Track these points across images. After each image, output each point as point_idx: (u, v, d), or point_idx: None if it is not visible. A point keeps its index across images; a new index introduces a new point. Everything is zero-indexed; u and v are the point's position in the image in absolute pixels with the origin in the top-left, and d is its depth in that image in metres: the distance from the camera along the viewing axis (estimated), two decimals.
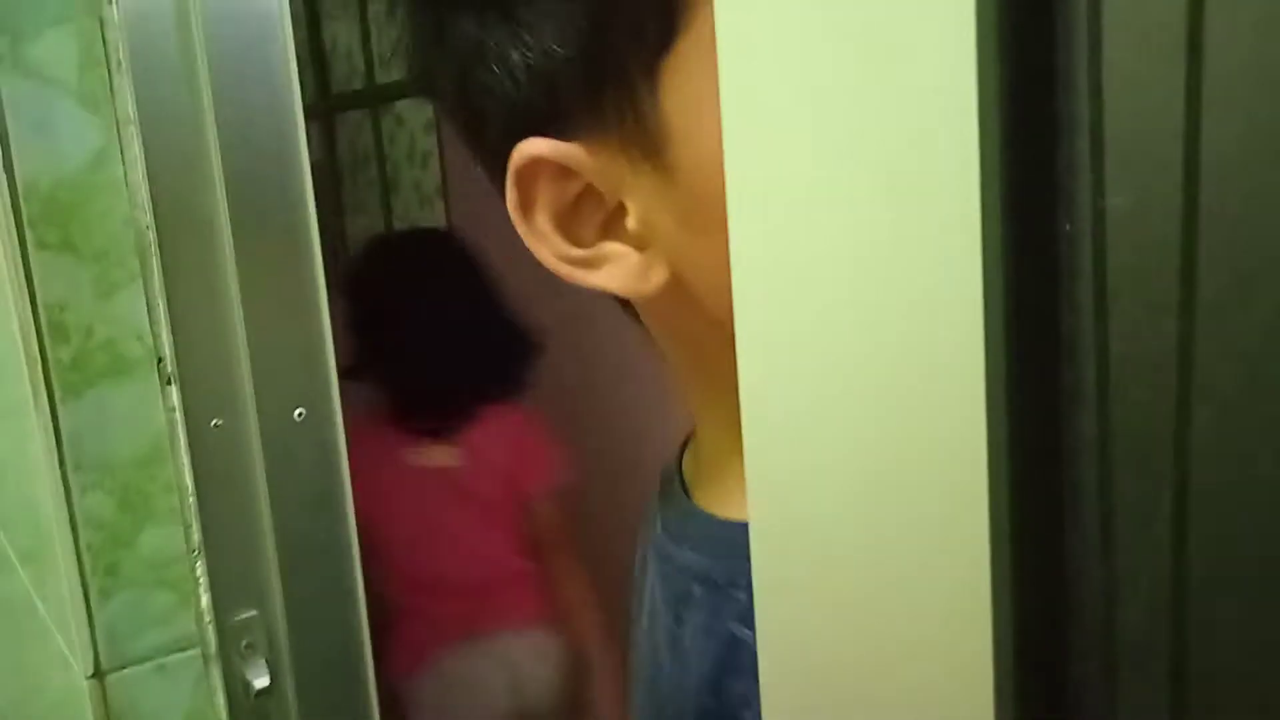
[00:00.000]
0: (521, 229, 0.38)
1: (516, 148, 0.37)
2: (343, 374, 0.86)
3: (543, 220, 0.38)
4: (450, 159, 2.61)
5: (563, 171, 0.37)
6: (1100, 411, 0.20)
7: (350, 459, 0.86)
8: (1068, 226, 0.20)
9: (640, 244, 0.38)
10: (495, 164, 0.39)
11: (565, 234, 0.38)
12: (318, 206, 0.83)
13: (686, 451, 0.48)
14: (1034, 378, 0.20)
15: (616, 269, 0.38)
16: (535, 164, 0.37)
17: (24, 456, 0.87)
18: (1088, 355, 0.20)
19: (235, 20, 0.78)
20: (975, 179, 0.20)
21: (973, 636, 0.21)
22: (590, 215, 0.38)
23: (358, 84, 2.93)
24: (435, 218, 2.72)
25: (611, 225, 0.38)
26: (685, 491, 0.45)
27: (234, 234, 0.81)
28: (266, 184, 0.82)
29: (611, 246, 0.38)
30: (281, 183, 0.82)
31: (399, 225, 2.89)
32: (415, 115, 2.71)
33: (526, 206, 0.38)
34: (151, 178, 0.79)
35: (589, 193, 0.38)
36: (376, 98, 2.86)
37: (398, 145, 2.83)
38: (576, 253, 0.38)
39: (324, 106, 3.02)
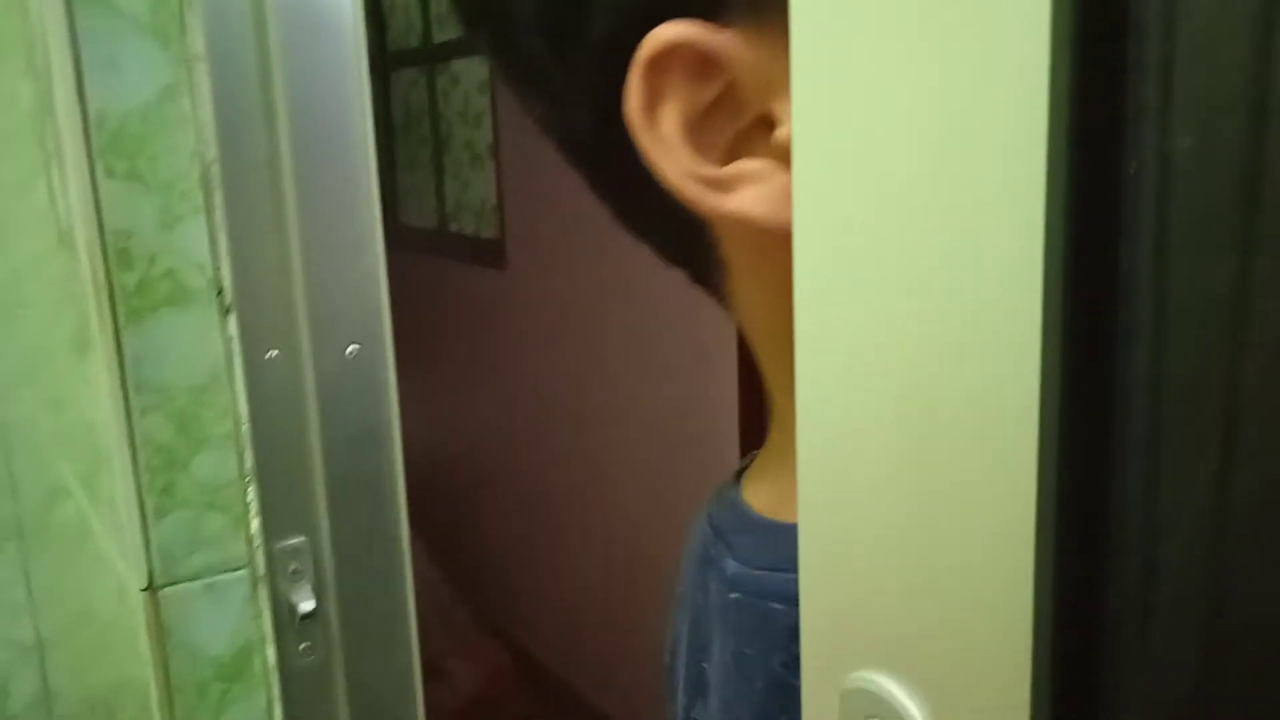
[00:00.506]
0: (645, 138, 0.32)
1: (652, 32, 0.30)
2: None
3: (670, 127, 0.31)
4: (503, 119, 2.62)
5: (704, 66, 0.31)
6: (1153, 351, 0.20)
7: None
8: (1134, 166, 0.19)
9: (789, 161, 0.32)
10: (590, 83, 0.33)
11: (695, 146, 0.32)
12: None
13: (746, 477, 0.42)
14: (1090, 316, 0.20)
15: (758, 191, 0.31)
16: (672, 53, 0.30)
17: (88, 382, 0.90)
18: (1146, 295, 0.20)
19: None
20: (1043, 118, 0.20)
21: (1013, 570, 0.21)
22: (724, 125, 0.32)
23: (414, 42, 2.95)
24: (486, 176, 2.74)
25: (749, 139, 0.32)
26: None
27: (295, 171, 0.83)
28: (329, 123, 0.84)
29: (751, 164, 0.32)
30: (344, 123, 0.84)
31: (450, 183, 2.91)
32: (470, 74, 2.73)
33: (652, 107, 0.31)
34: (218, 114, 0.81)
35: (727, 97, 0.31)
36: (433, 56, 2.89)
37: (451, 104, 2.85)
38: (709, 170, 0.32)
39: (380, 63, 3.04)
